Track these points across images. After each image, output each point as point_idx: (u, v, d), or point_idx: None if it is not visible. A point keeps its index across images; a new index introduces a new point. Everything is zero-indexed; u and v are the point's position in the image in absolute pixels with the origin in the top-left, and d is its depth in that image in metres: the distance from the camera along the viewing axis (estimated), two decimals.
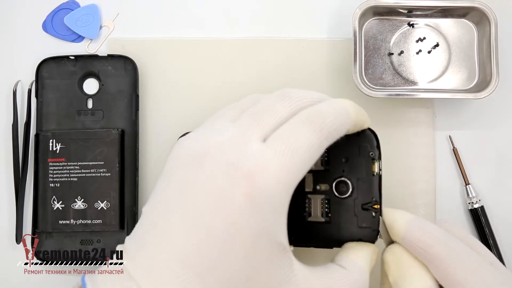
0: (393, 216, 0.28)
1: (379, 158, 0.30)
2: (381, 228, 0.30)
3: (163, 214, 0.24)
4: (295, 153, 0.24)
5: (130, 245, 0.25)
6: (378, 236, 0.30)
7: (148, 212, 0.25)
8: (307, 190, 0.31)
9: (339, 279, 0.26)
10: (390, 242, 0.29)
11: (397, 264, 0.28)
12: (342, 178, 0.31)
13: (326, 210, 0.31)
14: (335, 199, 0.31)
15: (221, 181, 0.23)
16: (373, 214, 0.30)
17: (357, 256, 0.28)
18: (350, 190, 0.30)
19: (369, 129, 0.31)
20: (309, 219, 0.31)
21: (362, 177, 0.30)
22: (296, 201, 0.30)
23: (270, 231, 0.23)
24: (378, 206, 0.30)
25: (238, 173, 0.23)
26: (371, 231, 0.30)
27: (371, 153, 0.30)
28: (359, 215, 0.30)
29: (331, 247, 0.31)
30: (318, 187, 0.31)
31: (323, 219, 0.31)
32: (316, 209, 0.31)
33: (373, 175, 0.30)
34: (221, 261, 0.22)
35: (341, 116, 0.26)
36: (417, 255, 0.27)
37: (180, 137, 0.28)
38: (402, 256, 0.28)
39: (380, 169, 0.30)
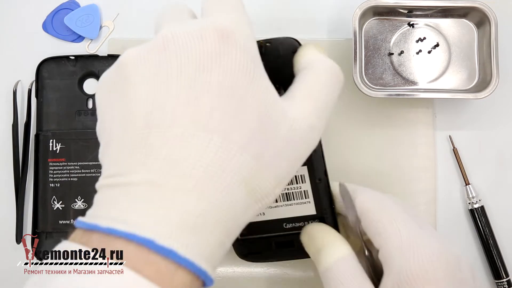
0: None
1: None
2: (346, 200, 0.30)
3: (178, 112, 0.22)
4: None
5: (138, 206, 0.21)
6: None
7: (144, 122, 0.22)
8: None
9: (316, 73, 0.26)
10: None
11: (311, 241, 0.29)
12: None
13: None
14: None
15: (211, 45, 0.22)
16: None
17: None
18: None
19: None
20: None
21: None
22: None
23: (259, 63, 0.24)
24: None
25: (219, 33, 0.22)
26: None
27: None
28: None
29: None
30: None
31: None
32: None
33: None
34: (240, 112, 0.22)
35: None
36: (347, 214, 0.29)
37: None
38: (314, 233, 0.29)
39: None
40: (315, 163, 0.32)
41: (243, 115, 0.22)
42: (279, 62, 0.30)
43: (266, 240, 0.29)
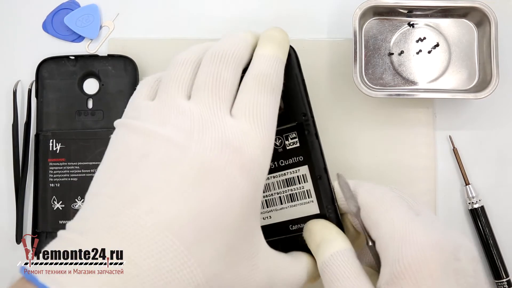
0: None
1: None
2: (346, 191, 0.31)
3: (139, 193, 0.23)
4: (265, 121, 0.26)
5: (89, 225, 0.23)
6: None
7: (108, 196, 0.24)
8: None
9: (291, 263, 0.29)
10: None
11: (312, 237, 0.29)
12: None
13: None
14: None
15: (213, 157, 0.24)
16: None
17: (306, 256, 0.30)
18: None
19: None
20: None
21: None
22: None
23: (257, 200, 0.25)
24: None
25: (228, 149, 0.24)
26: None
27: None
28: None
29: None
30: None
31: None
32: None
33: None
34: (213, 232, 0.23)
35: (278, 66, 0.28)
36: (346, 208, 0.30)
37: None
38: (313, 229, 0.30)
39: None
40: (315, 161, 0.32)
41: (214, 241, 0.23)
42: None
43: (274, 244, 0.29)
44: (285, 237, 0.32)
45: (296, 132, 0.32)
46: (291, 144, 0.32)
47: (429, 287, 0.24)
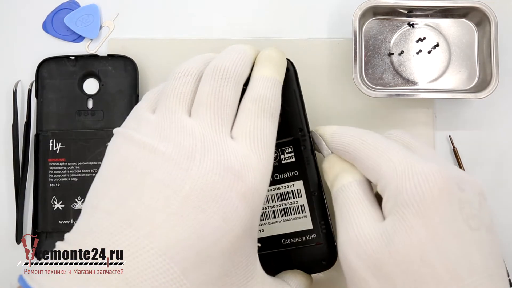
0: (322, 131, 0.31)
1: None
2: (319, 145, 0.31)
3: (139, 213, 0.23)
4: (265, 146, 0.26)
5: (87, 242, 0.23)
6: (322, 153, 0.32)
7: (106, 212, 0.24)
8: None
9: None
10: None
11: (331, 169, 0.30)
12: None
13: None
14: None
15: (215, 182, 0.24)
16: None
17: (301, 281, 0.31)
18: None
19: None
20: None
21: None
22: None
23: (254, 226, 0.25)
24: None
25: (230, 174, 0.24)
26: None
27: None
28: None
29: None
30: None
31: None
32: None
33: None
34: (210, 257, 0.23)
35: (277, 89, 0.28)
36: (344, 158, 0.29)
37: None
38: (335, 161, 0.30)
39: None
40: (310, 176, 0.32)
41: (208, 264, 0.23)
42: None
43: (265, 257, 0.30)
44: (277, 251, 0.32)
45: (292, 147, 0.32)
46: (287, 158, 0.32)
47: (432, 214, 0.24)
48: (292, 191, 0.32)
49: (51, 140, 0.41)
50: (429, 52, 0.41)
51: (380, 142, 0.28)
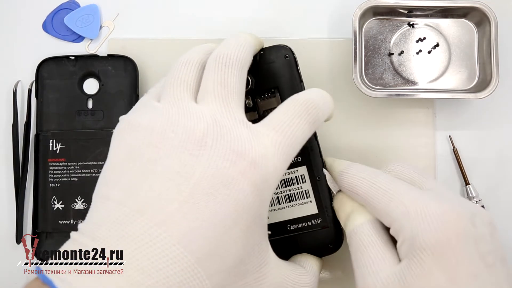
0: (330, 166, 0.31)
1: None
2: (329, 182, 0.31)
3: (151, 202, 0.23)
4: (291, 145, 0.26)
5: (101, 232, 0.23)
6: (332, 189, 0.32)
7: (118, 202, 0.23)
8: None
9: (301, 275, 0.29)
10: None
11: (342, 208, 0.30)
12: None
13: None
14: None
15: (227, 169, 0.23)
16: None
17: (313, 263, 0.31)
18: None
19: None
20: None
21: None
22: None
23: (263, 215, 0.25)
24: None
25: (242, 160, 0.24)
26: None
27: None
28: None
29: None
30: None
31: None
32: None
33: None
34: (222, 246, 0.23)
35: (328, 106, 0.28)
36: (354, 198, 0.29)
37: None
38: (345, 200, 0.30)
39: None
40: (313, 161, 0.32)
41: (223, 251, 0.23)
42: (272, 67, 0.32)
43: (272, 243, 0.30)
44: (283, 237, 0.32)
45: None
46: None
47: (450, 256, 0.24)
48: (296, 177, 0.32)
49: (51, 140, 0.41)
50: (429, 52, 0.41)
51: (389, 184, 0.28)
